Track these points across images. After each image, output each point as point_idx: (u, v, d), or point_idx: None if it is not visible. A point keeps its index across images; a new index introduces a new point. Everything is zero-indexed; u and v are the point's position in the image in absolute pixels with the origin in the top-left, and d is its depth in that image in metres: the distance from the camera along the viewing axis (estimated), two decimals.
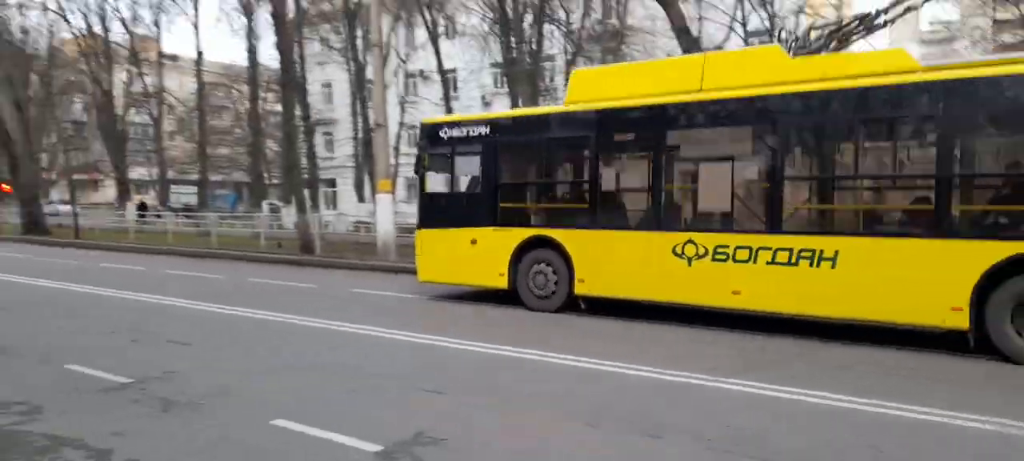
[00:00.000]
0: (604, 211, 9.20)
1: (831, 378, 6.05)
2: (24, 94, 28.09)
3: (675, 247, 8.45)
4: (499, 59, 23.41)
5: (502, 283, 9.89)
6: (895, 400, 5.36)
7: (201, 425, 4.79)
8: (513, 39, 21.72)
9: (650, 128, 8.80)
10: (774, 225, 7.80)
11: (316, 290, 12.20)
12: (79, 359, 6.53)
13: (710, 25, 20.17)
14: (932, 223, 6.96)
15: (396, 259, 16.11)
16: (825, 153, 8.13)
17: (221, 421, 4.87)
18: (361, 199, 34.53)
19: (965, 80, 6.88)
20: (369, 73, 25.90)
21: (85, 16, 33.73)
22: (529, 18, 22.01)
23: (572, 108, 9.51)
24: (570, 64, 21.36)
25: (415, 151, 11.01)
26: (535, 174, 10.17)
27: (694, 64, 8.83)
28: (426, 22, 24.72)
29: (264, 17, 29.87)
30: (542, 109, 11.48)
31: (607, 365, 6.42)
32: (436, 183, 10.85)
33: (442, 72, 25.33)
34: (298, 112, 21.36)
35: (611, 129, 9.18)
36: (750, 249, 7.93)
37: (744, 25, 20.27)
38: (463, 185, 10.54)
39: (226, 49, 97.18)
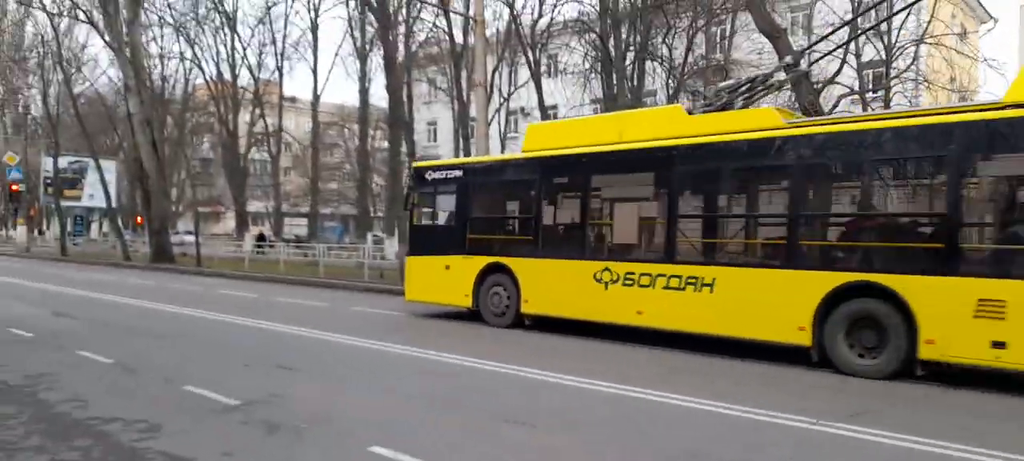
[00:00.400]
0: (544, 242, 10.90)
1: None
2: (160, 135, 30.49)
3: (595, 273, 10.07)
4: (599, 95, 23.38)
5: (467, 303, 11.71)
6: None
7: (302, 449, 4.91)
8: (615, 76, 21.66)
9: (578, 172, 10.55)
10: (668, 256, 9.35)
11: (413, 320, 12.35)
12: (196, 381, 6.86)
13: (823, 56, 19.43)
14: (784, 255, 8.37)
15: None
16: (706, 195, 9.54)
17: (322, 446, 4.98)
18: None
19: (809, 136, 8.26)
20: (472, 111, 26.50)
21: (216, 64, 36.39)
22: (631, 56, 21.93)
23: (522, 155, 11.48)
24: (671, 99, 21.08)
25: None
26: (495, 210, 12.08)
27: (616, 119, 10.78)
28: (529, 62, 25.10)
29: (376, 61, 31.19)
30: (501, 156, 13.27)
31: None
32: (422, 218, 12.81)
33: (543, 109, 25.63)
34: (404, 149, 22.11)
35: (550, 173, 10.93)
36: (650, 275, 9.49)
37: (858, 56, 19.36)
38: (441, 219, 12.54)
39: (340, 91, 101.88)
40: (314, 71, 53.01)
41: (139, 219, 39.35)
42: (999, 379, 7.42)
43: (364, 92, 31.63)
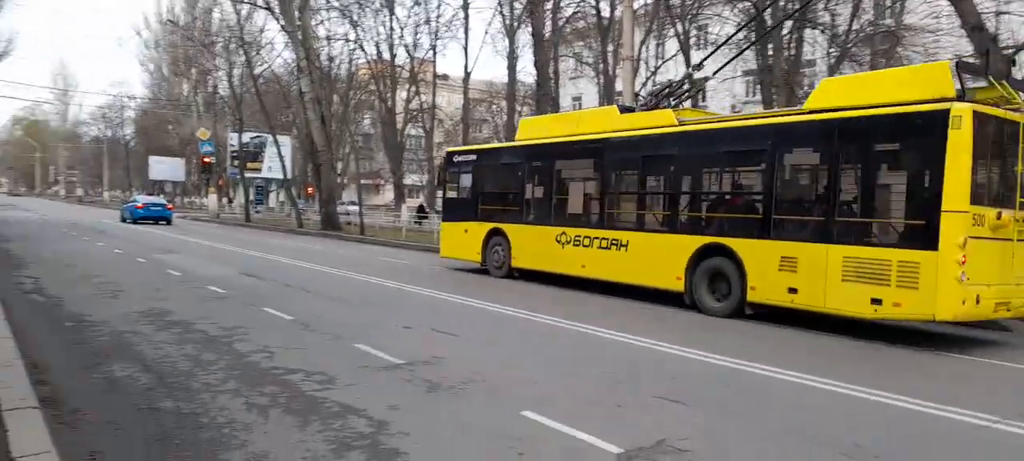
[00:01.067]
0: (526, 212, 14.22)
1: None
2: (328, 112, 32.61)
3: (556, 236, 13.18)
4: (753, 66, 22.22)
5: (478, 259, 15.09)
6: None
7: (460, 408, 5.17)
8: (770, 46, 20.49)
9: (547, 157, 13.80)
10: (600, 223, 12.40)
11: (566, 294, 12.55)
12: (364, 340, 7.39)
13: (1014, 20, 17.31)
14: (668, 223, 11.26)
15: None
16: (623, 177, 12.56)
17: (477, 407, 5.21)
18: None
19: (681, 133, 11.17)
20: (618, 85, 26.16)
21: (376, 44, 38.31)
22: (788, 25, 20.59)
23: (513, 144, 15.33)
24: (833, 69, 19.63)
25: None
26: (496, 186, 15.20)
27: (576, 116, 14.49)
28: (677, 34, 24.30)
29: (524, 37, 31.45)
30: (501, 144, 17.98)
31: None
32: (450, 192, 16.36)
33: (692, 83, 24.71)
34: None
35: (530, 158, 14.17)
36: (590, 238, 12.51)
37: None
38: (464, 194, 15.86)
39: (489, 68, 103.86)
40: (465, 49, 54.47)
41: (310, 190, 42.55)
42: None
43: (512, 68, 32.00)
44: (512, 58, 31.66)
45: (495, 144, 18.98)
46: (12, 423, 3.98)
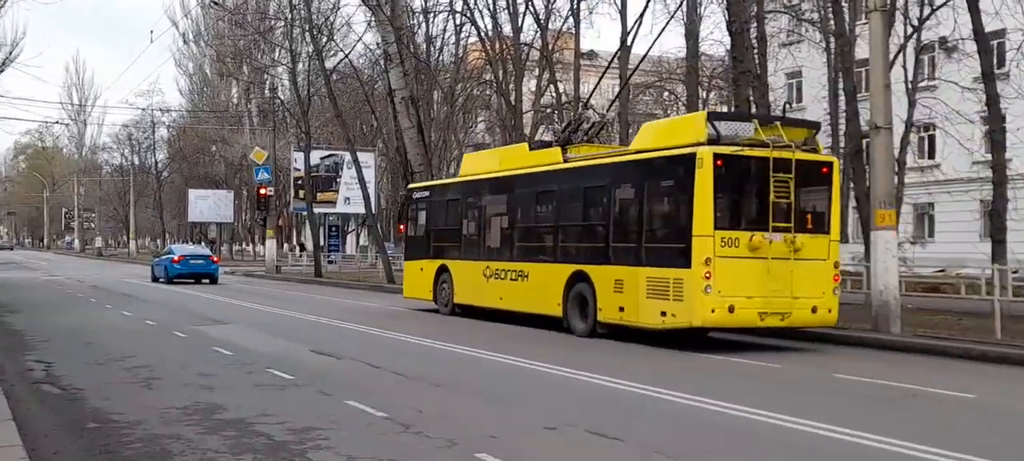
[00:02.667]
0: (463, 248, 21.05)
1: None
2: (427, 116, 33.82)
3: (483, 271, 19.77)
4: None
5: (430, 297, 22.11)
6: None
7: None
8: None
9: (474, 194, 20.83)
10: (510, 255, 19.02)
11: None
12: (487, 447, 7.45)
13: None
14: (550, 253, 17.83)
15: (900, 332, 15.52)
16: (523, 209, 19.21)
17: None
18: (841, 239, 33.75)
19: (554, 171, 17.98)
20: (860, 51, 25.29)
21: (493, 15, 39.07)
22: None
23: (450, 180, 24.36)
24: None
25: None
26: (443, 223, 22.42)
27: (499, 153, 23.38)
28: None
29: None
30: (445, 181, 26.92)
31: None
32: (410, 229, 24.25)
33: (980, 38, 23.45)
34: (754, 110, 21.70)
35: (464, 194, 21.27)
36: (504, 270, 19.06)
37: None
38: (419, 231, 23.58)
39: (658, 40, 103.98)
40: (622, 12, 54.41)
41: (402, 227, 44.04)
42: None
43: (692, 36, 31.77)
44: (693, 21, 31.45)
45: (443, 180, 27.85)
46: None
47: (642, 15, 48.52)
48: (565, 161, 18.03)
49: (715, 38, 46.30)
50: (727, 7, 21.75)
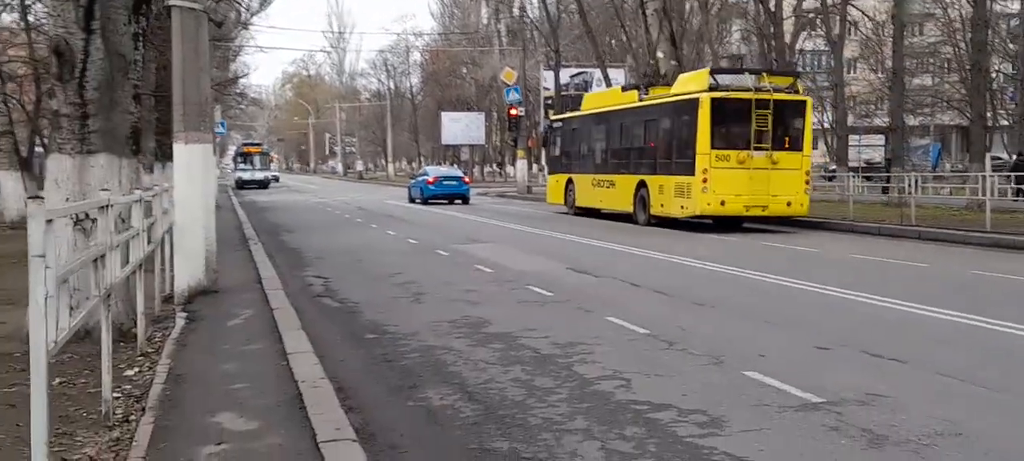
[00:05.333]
0: (581, 165, 29.92)
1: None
2: (680, 27, 33.34)
3: (591, 181, 28.69)
4: None
5: (562, 202, 31.03)
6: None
7: None
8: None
9: (587, 124, 30.14)
10: (606, 171, 27.87)
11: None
12: (756, 366, 7.47)
13: None
14: (626, 168, 26.57)
15: None
16: (614, 136, 27.86)
17: None
18: None
19: (633, 108, 26.74)
20: None
21: None
22: None
23: (574, 114, 32.84)
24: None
25: None
26: (572, 146, 31.09)
27: (606, 93, 33.03)
28: None
29: None
30: (575, 114, 32.67)
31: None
32: (553, 151, 33.14)
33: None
34: None
35: (582, 124, 30.57)
36: (602, 181, 27.89)
37: None
38: (555, 152, 32.78)
39: None
40: None
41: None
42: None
43: None
44: None
45: (569, 114, 34.02)
46: (332, 459, 4.81)
47: None
48: (640, 102, 26.12)
49: None
50: None
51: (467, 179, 42.41)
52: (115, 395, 6.32)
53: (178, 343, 8.37)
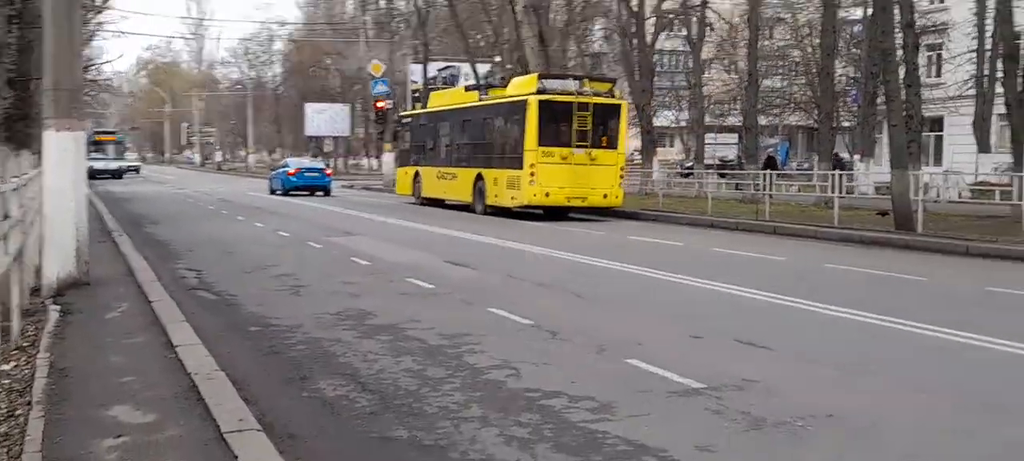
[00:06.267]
0: (427, 158, 32.01)
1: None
2: (546, 23, 33.82)
3: (436, 174, 30.78)
4: None
5: (410, 193, 33.33)
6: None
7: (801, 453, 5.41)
8: None
9: (432, 120, 32.36)
10: (450, 163, 29.94)
11: (925, 284, 12.81)
12: (639, 355, 7.77)
13: None
14: (467, 161, 28.59)
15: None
16: (456, 132, 30.22)
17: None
18: (984, 149, 32.85)
19: (474, 106, 29.28)
20: None
21: None
22: None
23: (420, 110, 36.51)
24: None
25: None
26: (417, 141, 33.41)
27: (449, 93, 36.28)
28: None
29: None
30: (417, 110, 37.67)
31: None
32: (402, 145, 36.17)
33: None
34: (897, 16, 20.98)
35: (428, 120, 32.76)
36: (446, 173, 29.99)
37: None
38: (404, 145, 35.59)
39: None
40: None
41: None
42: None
43: None
44: None
45: (416, 110, 38.01)
46: (240, 450, 4.81)
47: None
48: (480, 101, 28.69)
49: None
50: None
51: (329, 171, 42.15)
52: None
53: (55, 336, 8.09)
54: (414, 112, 36.81)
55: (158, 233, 20.30)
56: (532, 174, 23.97)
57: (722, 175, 39.64)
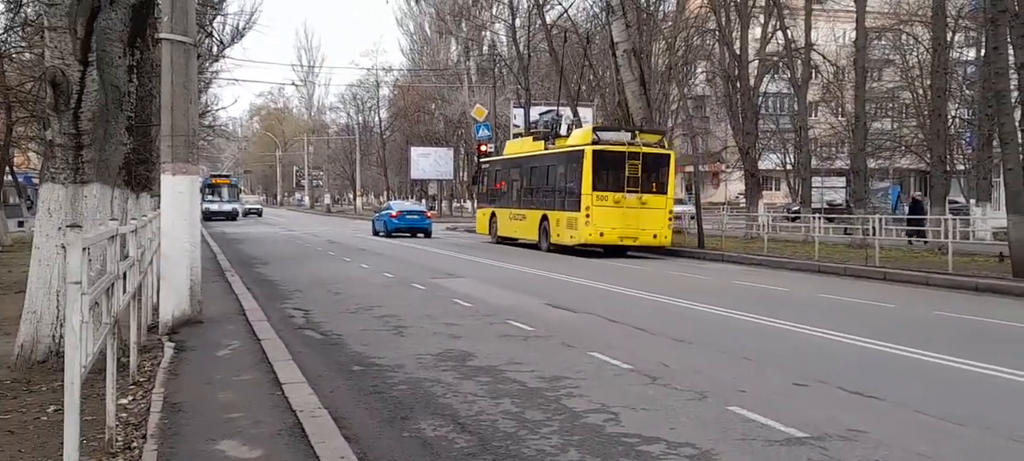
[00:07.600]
0: (502, 200, 35.44)
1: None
2: (648, 68, 33.75)
3: (509, 215, 34.16)
4: None
5: (487, 233, 36.62)
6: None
7: None
8: None
9: (506, 167, 36.25)
10: (520, 206, 33.34)
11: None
12: (740, 402, 7.64)
13: None
14: (535, 204, 31.86)
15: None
16: (526, 177, 33.73)
17: None
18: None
19: (539, 154, 32.58)
20: None
21: None
22: None
23: (498, 157, 39.70)
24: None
25: None
26: (494, 184, 36.95)
27: (521, 142, 37.25)
28: None
29: None
30: (495, 157, 40.28)
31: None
32: (480, 187, 40.33)
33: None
34: (1011, 56, 20.31)
35: (504, 166, 36.54)
36: (517, 214, 33.33)
37: None
38: (483, 187, 39.00)
39: None
40: None
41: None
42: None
43: None
44: None
45: (494, 157, 40.25)
46: None
47: None
48: (545, 149, 31.49)
49: None
50: None
51: (430, 214, 42.91)
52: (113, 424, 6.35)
53: (169, 372, 8.40)
54: (491, 159, 39.99)
55: (268, 273, 20.88)
56: (587, 215, 26.72)
57: (829, 219, 38.86)
